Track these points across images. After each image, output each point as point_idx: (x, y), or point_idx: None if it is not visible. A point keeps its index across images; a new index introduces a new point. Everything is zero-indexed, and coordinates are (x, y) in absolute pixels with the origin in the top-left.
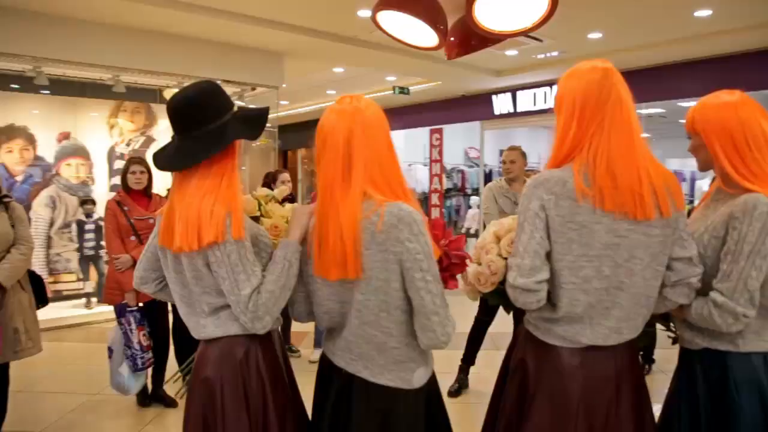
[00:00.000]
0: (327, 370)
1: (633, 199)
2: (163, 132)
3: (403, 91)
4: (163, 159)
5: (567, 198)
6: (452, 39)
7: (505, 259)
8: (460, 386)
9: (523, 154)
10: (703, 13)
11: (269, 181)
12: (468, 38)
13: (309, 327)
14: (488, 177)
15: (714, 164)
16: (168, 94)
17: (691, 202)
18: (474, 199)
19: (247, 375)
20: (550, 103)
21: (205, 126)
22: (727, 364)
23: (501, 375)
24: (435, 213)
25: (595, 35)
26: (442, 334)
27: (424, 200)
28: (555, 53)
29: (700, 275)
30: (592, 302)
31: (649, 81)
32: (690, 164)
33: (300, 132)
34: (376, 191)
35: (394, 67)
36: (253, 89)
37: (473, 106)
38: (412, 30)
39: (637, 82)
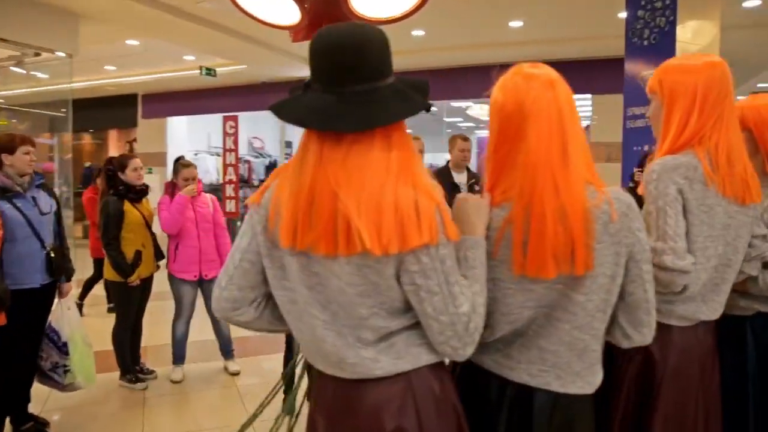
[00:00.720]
0: (491, 387)
1: (743, 185)
2: None
3: (210, 72)
4: (315, 113)
5: (699, 182)
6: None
7: None
8: None
9: None
10: (516, 23)
11: (115, 168)
12: (319, 21)
13: (149, 341)
14: (273, 167)
15: (761, 153)
16: None
17: None
18: None
19: (453, 416)
20: None
21: (377, 81)
22: None
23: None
24: (230, 206)
25: (418, 32)
26: (654, 329)
27: (214, 192)
28: None
29: None
30: (705, 280)
31: (450, 80)
32: (441, 157)
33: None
34: (589, 174)
35: (203, 45)
36: (38, 55)
37: (275, 94)
38: (269, 5)
39: (441, 80)
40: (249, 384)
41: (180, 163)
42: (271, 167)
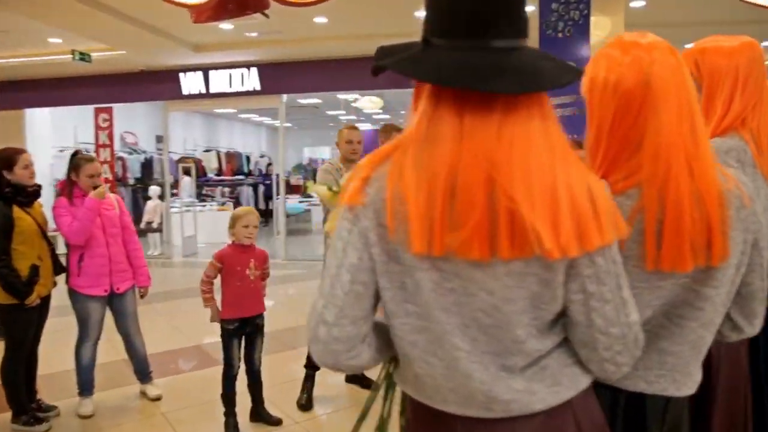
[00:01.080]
0: (602, 400)
1: None
2: None
3: (84, 57)
4: (457, 71)
5: (750, 165)
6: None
7: None
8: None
9: None
10: (321, 20)
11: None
12: (225, 2)
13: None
14: (149, 164)
15: None
16: None
17: None
18: (154, 189)
19: None
20: (248, 86)
21: (521, 38)
22: None
23: None
24: None
25: (321, 20)
26: (763, 320)
27: None
28: (254, 33)
29: None
30: None
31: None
32: (321, 152)
33: None
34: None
35: (75, 25)
36: None
37: (155, 84)
38: None
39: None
40: (176, 409)
41: (80, 157)
42: (147, 164)
